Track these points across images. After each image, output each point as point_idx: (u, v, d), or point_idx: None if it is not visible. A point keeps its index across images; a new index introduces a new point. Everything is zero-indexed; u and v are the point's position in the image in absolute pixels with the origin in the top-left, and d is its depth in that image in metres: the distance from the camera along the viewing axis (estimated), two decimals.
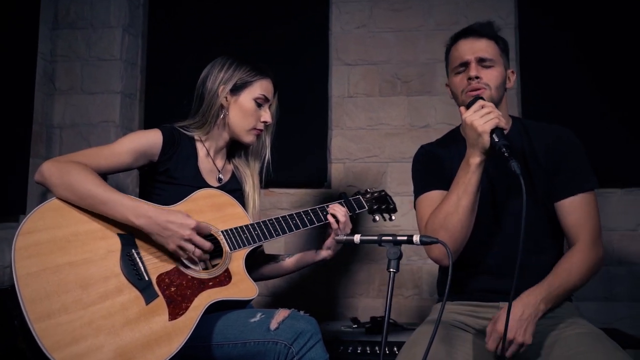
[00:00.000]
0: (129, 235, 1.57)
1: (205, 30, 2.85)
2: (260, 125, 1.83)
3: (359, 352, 2.16)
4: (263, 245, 1.88)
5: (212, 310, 1.56)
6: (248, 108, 1.80)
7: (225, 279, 1.61)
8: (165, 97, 2.75)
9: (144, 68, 2.93)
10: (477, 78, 1.62)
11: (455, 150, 1.66)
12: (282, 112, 1.92)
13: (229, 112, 1.80)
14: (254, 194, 1.89)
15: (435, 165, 1.76)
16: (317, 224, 1.81)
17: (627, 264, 2.59)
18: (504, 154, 1.44)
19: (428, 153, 1.82)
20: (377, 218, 1.97)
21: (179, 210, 1.60)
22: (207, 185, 1.78)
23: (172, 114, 1.85)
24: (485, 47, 1.65)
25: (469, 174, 1.54)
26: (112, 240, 1.54)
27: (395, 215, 2.01)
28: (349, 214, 1.83)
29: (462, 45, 1.68)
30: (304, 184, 2.80)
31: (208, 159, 1.83)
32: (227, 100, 1.80)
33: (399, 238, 1.30)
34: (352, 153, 2.81)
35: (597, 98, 2.61)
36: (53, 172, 1.54)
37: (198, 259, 1.59)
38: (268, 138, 1.91)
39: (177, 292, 1.52)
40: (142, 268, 1.53)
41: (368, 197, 1.96)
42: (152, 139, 1.71)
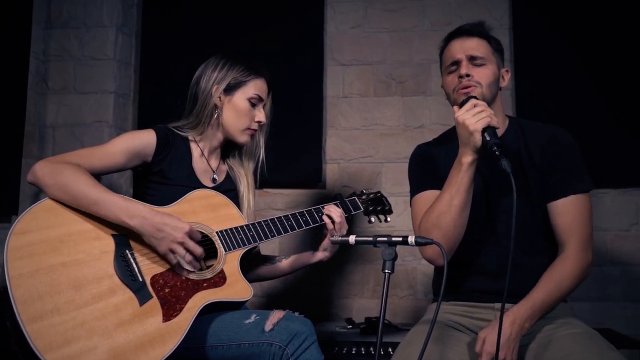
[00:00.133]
0: (123, 236, 1.55)
1: (200, 30, 2.84)
2: (255, 125, 1.82)
3: (354, 352, 2.15)
4: (258, 246, 1.87)
5: (206, 312, 1.55)
6: (242, 108, 1.79)
7: (220, 280, 1.60)
8: (159, 97, 2.73)
9: (138, 68, 2.92)
10: (467, 76, 1.63)
11: (451, 150, 1.66)
12: (276, 112, 1.92)
13: (223, 112, 1.79)
14: (249, 195, 1.88)
15: (431, 165, 1.76)
16: (312, 225, 1.80)
17: (620, 264, 2.60)
18: (495, 153, 1.44)
19: (424, 153, 1.82)
20: (372, 219, 1.96)
21: (173, 214, 1.58)
22: (201, 186, 1.77)
23: (166, 114, 1.84)
24: (476, 45, 1.66)
25: (461, 173, 1.54)
26: (105, 241, 1.53)
27: (391, 217, 2.01)
28: (345, 215, 1.83)
29: (453, 45, 1.69)
30: (299, 185, 2.80)
31: (202, 159, 1.82)
32: (220, 100, 1.79)
33: (394, 239, 1.29)
34: (346, 153, 2.81)
35: (591, 98, 2.62)
36: (46, 172, 1.53)
37: (188, 265, 1.56)
38: (262, 138, 1.90)
39: (171, 293, 1.51)
40: (136, 269, 1.52)
41: (364, 198, 1.96)
42: (145, 140, 1.70)
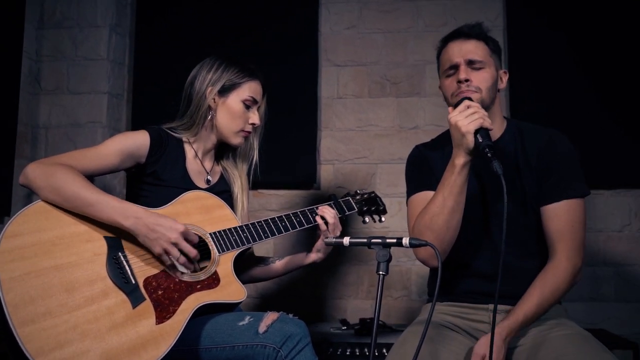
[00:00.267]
0: (116, 238, 1.54)
1: (194, 31, 2.83)
2: (249, 128, 1.81)
3: (348, 354, 2.15)
4: (252, 247, 1.87)
5: (200, 314, 1.55)
6: (236, 110, 1.78)
7: (214, 282, 1.59)
8: (153, 97, 2.73)
9: (132, 68, 2.90)
10: (466, 81, 1.61)
11: (448, 151, 1.64)
12: (271, 113, 1.91)
13: (217, 113, 1.78)
14: (243, 196, 1.87)
15: (428, 166, 1.76)
16: (306, 226, 1.80)
17: (613, 265, 2.61)
18: (487, 154, 1.43)
19: (421, 154, 1.81)
20: (366, 219, 1.96)
21: (168, 215, 1.57)
22: (195, 187, 1.77)
23: (160, 115, 1.83)
24: (475, 48, 1.64)
25: (454, 175, 1.53)
26: (98, 243, 1.52)
27: (385, 217, 2.01)
28: (339, 216, 1.83)
29: (451, 48, 1.67)
30: (293, 185, 2.79)
31: (196, 161, 1.82)
32: (215, 102, 1.78)
33: (388, 241, 1.29)
34: (341, 154, 2.80)
35: (585, 99, 2.62)
36: (38, 174, 1.51)
37: (182, 266, 1.55)
38: (256, 140, 1.89)
39: (164, 295, 1.51)
40: (128, 271, 1.51)
41: (358, 198, 1.95)
42: (139, 141, 1.69)
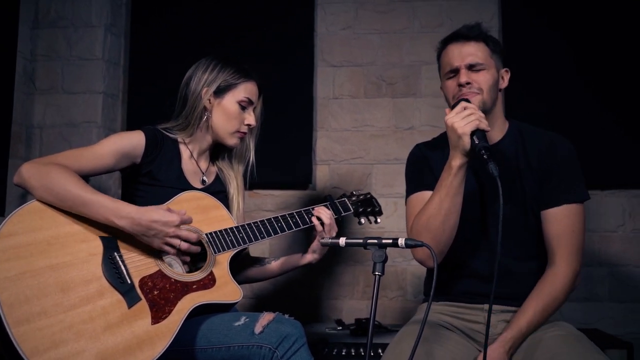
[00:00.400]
0: (111, 238, 1.54)
1: (190, 31, 2.82)
2: (244, 128, 1.81)
3: (344, 354, 2.16)
4: (248, 248, 1.87)
5: (196, 314, 1.55)
6: (232, 111, 1.78)
7: (210, 282, 1.59)
8: (148, 97, 2.72)
9: (127, 68, 2.90)
10: (467, 84, 1.60)
11: (449, 152, 1.63)
12: (266, 113, 1.91)
13: (212, 114, 1.78)
14: (238, 197, 1.88)
15: (428, 166, 1.75)
16: (302, 227, 1.80)
17: (607, 265, 2.62)
18: (483, 156, 1.43)
19: (422, 153, 1.81)
20: (362, 221, 1.97)
21: (161, 207, 1.57)
22: (190, 187, 1.77)
23: (155, 115, 1.83)
24: (475, 51, 1.63)
25: (451, 177, 1.53)
26: (93, 243, 1.51)
27: (380, 218, 2.01)
28: (335, 217, 1.83)
29: (451, 50, 1.66)
30: (289, 186, 2.79)
31: (191, 161, 1.81)
32: (210, 103, 1.78)
33: (384, 241, 1.30)
34: (337, 154, 2.81)
35: (579, 100, 2.63)
36: (32, 174, 1.51)
37: (186, 251, 1.57)
38: (252, 141, 1.89)
39: (160, 295, 1.50)
40: (124, 271, 1.50)
41: (354, 199, 1.96)
42: (134, 141, 1.69)
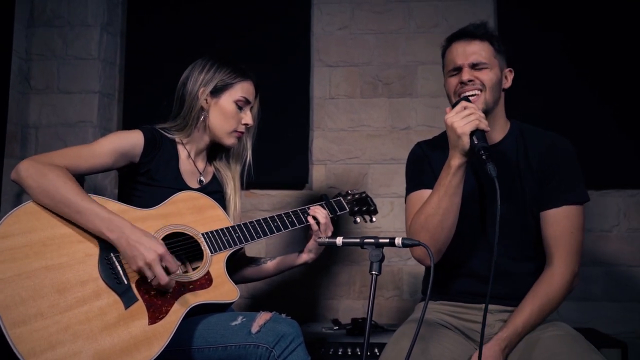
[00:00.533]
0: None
1: (186, 31, 2.82)
2: (242, 128, 1.81)
3: (340, 353, 2.16)
4: (244, 247, 1.87)
5: (192, 314, 1.55)
6: (229, 110, 1.78)
7: (206, 282, 1.59)
8: (145, 97, 2.71)
9: (123, 68, 2.89)
10: (470, 81, 1.60)
11: (448, 151, 1.62)
12: (263, 113, 1.91)
13: (210, 114, 1.78)
14: (235, 197, 1.87)
15: (428, 165, 1.75)
16: (298, 226, 1.80)
17: (602, 265, 2.63)
18: (482, 157, 1.43)
19: (422, 151, 1.81)
20: (358, 220, 1.97)
21: (157, 238, 1.53)
22: (188, 187, 1.76)
23: (151, 115, 1.82)
24: (479, 50, 1.62)
25: (450, 176, 1.53)
26: (90, 244, 1.51)
27: (376, 217, 2.01)
28: (330, 216, 1.83)
29: (455, 48, 1.65)
30: (285, 186, 2.79)
31: (189, 161, 1.81)
32: (207, 103, 1.78)
33: (381, 241, 1.30)
34: (333, 154, 2.81)
35: (575, 99, 2.64)
36: (30, 173, 1.50)
37: (155, 287, 1.49)
38: (249, 140, 1.89)
39: (156, 295, 1.50)
40: (121, 272, 1.50)
41: (349, 198, 1.96)
42: (133, 140, 1.69)
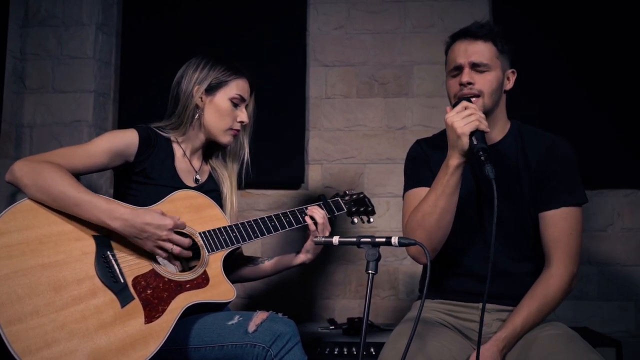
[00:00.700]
0: (104, 237, 1.54)
1: (181, 30, 2.81)
2: (237, 126, 1.81)
3: (336, 353, 2.16)
4: (241, 247, 1.86)
5: (189, 313, 1.54)
6: (224, 108, 1.78)
7: (203, 281, 1.59)
8: (140, 96, 2.71)
9: (118, 67, 2.88)
10: (469, 84, 1.59)
11: (446, 150, 1.61)
12: (259, 113, 1.91)
13: (205, 112, 1.78)
14: (232, 196, 1.87)
15: (427, 163, 1.75)
16: (295, 226, 1.80)
17: (596, 264, 2.65)
18: (480, 158, 1.44)
19: (422, 149, 1.80)
20: (355, 220, 1.97)
21: (154, 209, 1.57)
22: (184, 186, 1.76)
23: (146, 114, 1.82)
24: (481, 50, 1.60)
25: (447, 176, 1.53)
26: (86, 242, 1.51)
27: (373, 217, 2.01)
28: (328, 216, 1.83)
29: (457, 47, 1.63)
30: (281, 185, 2.79)
31: (185, 160, 1.81)
32: (202, 101, 1.78)
33: (378, 240, 1.30)
34: (329, 154, 2.81)
35: (570, 100, 2.64)
36: (25, 172, 1.50)
37: (178, 256, 1.56)
38: (246, 138, 1.89)
39: (153, 294, 1.50)
40: (117, 270, 1.50)
41: (347, 199, 1.96)
42: (128, 139, 1.69)
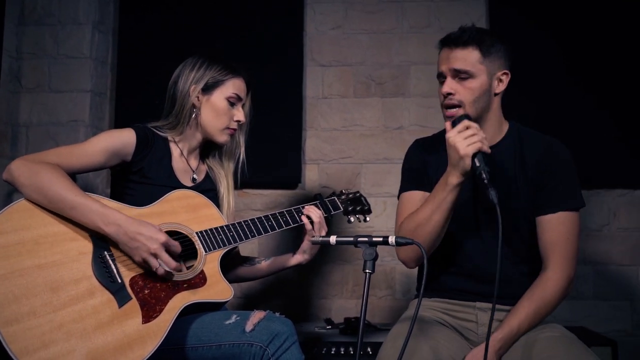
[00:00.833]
0: (102, 237, 1.53)
1: (178, 29, 2.81)
2: (234, 125, 1.81)
3: (333, 353, 2.16)
4: (238, 247, 1.87)
5: (186, 313, 1.54)
6: (220, 107, 1.78)
7: (200, 281, 1.59)
8: (137, 96, 2.71)
9: (115, 66, 2.87)
10: (449, 95, 1.58)
11: (444, 154, 1.59)
12: (256, 113, 1.91)
13: (201, 111, 1.78)
14: (229, 195, 1.87)
15: (422, 166, 1.75)
16: (292, 225, 1.80)
17: (592, 264, 2.66)
18: (484, 181, 1.43)
19: (420, 151, 1.80)
20: (351, 219, 1.97)
21: (151, 223, 1.54)
22: (181, 185, 1.76)
23: (143, 114, 1.82)
24: (462, 57, 1.58)
25: (446, 192, 1.53)
26: (83, 242, 1.50)
27: (370, 217, 2.02)
28: (324, 216, 1.84)
29: (441, 55, 1.64)
30: (278, 185, 2.79)
31: (182, 159, 1.81)
32: (199, 100, 1.78)
33: (375, 239, 1.31)
34: (326, 154, 2.81)
35: (565, 101, 2.66)
36: (23, 171, 1.50)
37: (161, 276, 1.51)
38: (242, 138, 1.89)
39: (150, 294, 1.50)
40: (114, 270, 1.50)
41: (343, 198, 1.96)
42: (125, 139, 1.68)
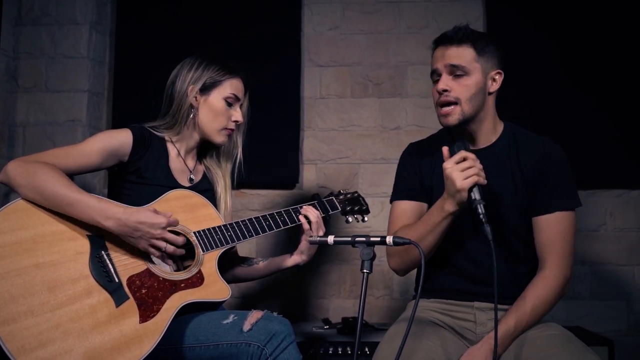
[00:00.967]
0: (99, 237, 1.53)
1: (176, 30, 2.81)
2: (231, 125, 1.81)
3: (331, 352, 2.16)
4: (236, 247, 1.86)
5: (184, 312, 1.54)
6: (218, 107, 1.78)
7: (198, 281, 1.59)
8: (134, 96, 2.70)
9: (112, 66, 2.87)
10: (445, 91, 1.58)
11: (438, 160, 1.59)
12: (253, 113, 1.91)
13: (199, 112, 1.78)
14: (226, 195, 1.88)
15: (416, 172, 1.75)
16: (290, 225, 1.80)
17: (589, 264, 2.67)
18: (479, 216, 1.44)
19: (413, 155, 1.80)
20: (349, 219, 1.98)
21: (147, 208, 1.57)
22: (178, 185, 1.76)
23: (141, 114, 1.82)
24: (458, 54, 1.58)
25: (441, 218, 1.53)
26: (81, 242, 1.50)
27: (368, 217, 2.02)
28: (322, 216, 1.84)
29: (436, 53, 1.64)
30: (276, 185, 2.79)
31: (179, 159, 1.81)
32: (196, 100, 1.78)
33: (373, 239, 1.31)
34: (323, 154, 2.81)
35: (562, 101, 2.66)
36: (19, 172, 1.50)
37: (172, 254, 1.57)
38: (240, 138, 1.89)
39: (148, 294, 1.50)
40: (112, 270, 1.50)
41: (341, 198, 1.97)
42: (122, 139, 1.68)
